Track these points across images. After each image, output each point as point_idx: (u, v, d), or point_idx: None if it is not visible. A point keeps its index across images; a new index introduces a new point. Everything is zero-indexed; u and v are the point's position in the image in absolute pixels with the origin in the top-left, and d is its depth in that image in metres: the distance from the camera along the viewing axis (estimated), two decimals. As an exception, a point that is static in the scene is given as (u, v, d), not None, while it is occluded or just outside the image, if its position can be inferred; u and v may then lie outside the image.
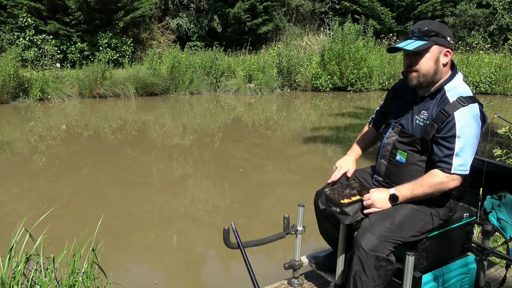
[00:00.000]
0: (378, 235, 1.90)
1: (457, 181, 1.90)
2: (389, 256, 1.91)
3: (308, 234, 2.82)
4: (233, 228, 2.13)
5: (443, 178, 1.88)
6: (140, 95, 12.61)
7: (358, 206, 2.08)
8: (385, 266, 1.91)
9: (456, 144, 1.86)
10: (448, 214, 2.07)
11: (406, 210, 1.99)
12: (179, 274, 3.69)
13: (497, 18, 18.31)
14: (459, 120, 1.87)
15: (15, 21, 13.79)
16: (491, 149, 5.08)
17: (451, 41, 1.95)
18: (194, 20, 17.46)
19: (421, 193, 1.94)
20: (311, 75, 14.73)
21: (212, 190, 5.62)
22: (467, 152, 1.87)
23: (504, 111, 11.68)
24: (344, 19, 18.44)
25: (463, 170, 1.88)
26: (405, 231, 1.94)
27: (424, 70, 1.95)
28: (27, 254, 2.13)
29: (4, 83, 10.60)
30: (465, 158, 1.87)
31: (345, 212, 2.05)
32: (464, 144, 1.87)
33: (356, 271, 1.93)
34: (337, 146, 7.80)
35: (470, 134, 1.88)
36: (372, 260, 1.88)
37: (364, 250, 1.89)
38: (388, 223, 1.93)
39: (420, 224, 1.99)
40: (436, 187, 1.91)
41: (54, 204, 4.61)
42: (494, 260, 2.92)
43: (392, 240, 1.92)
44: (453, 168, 1.87)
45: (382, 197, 2.00)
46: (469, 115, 1.89)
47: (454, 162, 1.86)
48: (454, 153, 1.86)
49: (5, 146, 7.28)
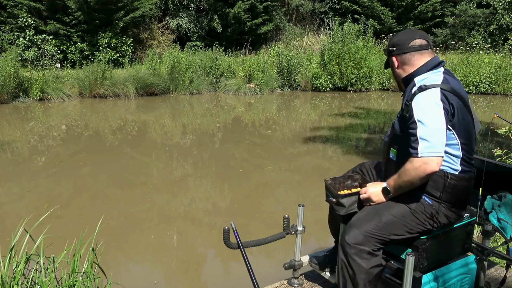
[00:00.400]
0: (364, 231, 1.97)
1: (430, 165, 1.85)
2: (375, 251, 1.97)
3: (308, 234, 2.82)
4: (233, 228, 2.13)
5: (414, 163, 1.88)
6: (140, 95, 12.61)
7: (355, 198, 2.14)
8: (369, 259, 1.96)
9: (417, 130, 1.88)
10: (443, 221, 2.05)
11: (397, 210, 2.01)
12: (179, 274, 3.69)
13: (497, 18, 18.31)
14: (416, 107, 1.92)
15: (15, 21, 13.80)
16: (491, 149, 5.08)
17: (393, 48, 2.15)
18: (194, 20, 17.46)
19: (402, 182, 1.96)
20: (311, 75, 14.74)
21: (212, 190, 5.62)
22: (430, 134, 1.86)
23: (504, 111, 11.68)
24: (344, 19, 18.44)
25: (432, 152, 1.85)
26: (391, 230, 1.99)
27: (395, 79, 2.25)
28: (27, 254, 2.13)
29: (4, 83, 10.61)
30: (431, 141, 1.85)
31: (341, 203, 2.12)
32: (425, 127, 1.87)
33: (341, 264, 2.02)
34: (337, 146, 7.80)
35: (429, 117, 1.88)
36: (355, 252, 1.96)
37: (347, 243, 1.98)
38: (376, 220, 1.99)
39: (409, 226, 2.00)
40: (411, 173, 1.90)
41: (54, 204, 4.61)
42: (494, 260, 2.92)
43: (377, 237, 1.97)
44: (419, 152, 1.86)
45: (377, 190, 2.07)
46: (425, 99, 1.92)
47: (419, 146, 1.86)
48: (418, 138, 1.87)
49: (5, 146, 7.28)
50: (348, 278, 2.01)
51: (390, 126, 2.23)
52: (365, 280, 1.97)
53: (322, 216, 2.66)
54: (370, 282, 1.98)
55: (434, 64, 2.08)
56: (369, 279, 1.98)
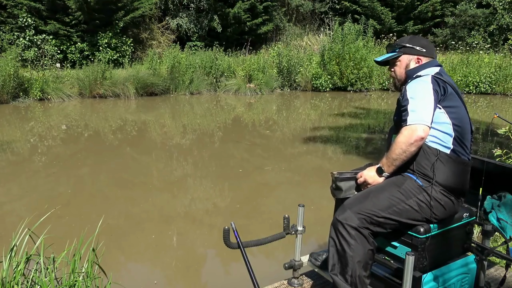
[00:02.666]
0: (355, 210, 2.02)
1: (417, 132, 1.95)
2: (363, 228, 1.99)
3: (308, 234, 2.82)
4: (233, 228, 2.13)
5: (403, 131, 1.99)
6: (140, 95, 12.61)
7: (353, 183, 2.18)
8: (357, 236, 1.98)
9: (408, 105, 2.02)
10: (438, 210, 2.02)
11: (385, 189, 2.05)
12: (179, 274, 3.69)
13: (497, 18, 18.31)
14: (409, 88, 2.09)
15: (15, 21, 13.80)
16: (491, 149, 5.08)
17: (422, 49, 2.23)
18: (194, 20, 17.46)
19: (394, 155, 2.02)
20: (311, 75, 14.74)
21: (212, 190, 5.62)
22: (418, 106, 1.99)
23: (504, 111, 11.68)
24: (344, 19, 18.45)
25: (418, 120, 1.96)
26: (380, 208, 2.00)
27: (398, 77, 2.29)
28: (27, 254, 2.13)
29: (4, 83, 10.61)
30: (417, 111, 1.98)
31: (338, 187, 2.16)
32: (414, 101, 2.01)
33: (332, 242, 2.05)
34: (337, 146, 7.80)
35: (418, 93, 2.03)
36: (344, 229, 1.99)
37: (338, 220, 2.03)
38: (367, 200, 2.04)
39: (399, 205, 2.00)
40: (400, 142, 1.99)
41: (54, 204, 4.61)
42: (494, 260, 2.92)
43: (366, 215, 2.00)
44: (408, 121, 1.98)
45: (371, 171, 2.13)
46: (418, 81, 2.09)
47: (409, 116, 1.99)
48: (408, 111, 2.00)
49: (5, 146, 7.28)
50: (337, 258, 2.02)
51: None
52: (354, 257, 1.97)
53: (322, 216, 2.67)
54: (358, 261, 1.98)
55: (434, 64, 2.21)
56: (358, 257, 1.98)
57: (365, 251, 1.99)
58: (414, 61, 2.22)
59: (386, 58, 2.30)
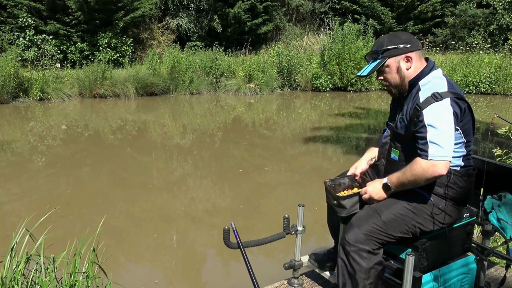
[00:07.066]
0: (364, 230, 1.97)
1: (438, 168, 1.89)
2: (375, 250, 1.97)
3: (308, 234, 2.83)
4: (233, 228, 2.13)
5: (423, 164, 1.91)
6: (140, 95, 12.61)
7: (356, 199, 2.13)
8: (369, 259, 1.96)
9: (427, 134, 1.90)
10: (445, 219, 2.05)
11: (396, 209, 2.02)
12: (179, 274, 3.69)
13: (497, 18, 18.31)
14: (428, 112, 1.93)
15: (15, 21, 13.79)
16: (491, 149, 5.08)
17: (407, 45, 2.06)
18: (194, 20, 17.45)
19: (406, 180, 1.97)
20: (311, 75, 14.73)
21: (212, 190, 5.62)
22: (441, 138, 1.89)
23: (504, 111, 11.68)
24: (344, 19, 18.44)
25: (442, 156, 1.89)
26: (392, 229, 1.99)
27: (392, 83, 2.12)
28: (27, 254, 2.13)
29: (4, 83, 10.61)
30: (441, 145, 1.88)
31: (342, 205, 2.11)
32: (436, 131, 1.90)
33: (341, 263, 2.02)
34: (337, 146, 7.80)
35: (440, 123, 1.91)
36: (355, 251, 1.96)
37: (347, 242, 1.98)
38: (375, 219, 2.00)
39: (410, 224, 2.01)
40: (418, 173, 1.93)
41: (54, 204, 4.61)
42: (494, 260, 2.92)
43: (378, 237, 1.97)
44: (429, 155, 1.89)
45: (377, 187, 2.08)
46: (439, 106, 1.93)
47: (429, 149, 1.89)
48: (428, 141, 1.90)
49: (5, 146, 7.28)
50: (347, 278, 2.01)
51: (386, 127, 2.25)
52: (364, 279, 1.97)
53: (322, 216, 2.66)
54: (370, 282, 1.98)
55: (432, 66, 2.10)
56: (369, 278, 1.98)
57: (376, 272, 2.00)
58: (404, 61, 2.06)
59: (372, 69, 2.09)
